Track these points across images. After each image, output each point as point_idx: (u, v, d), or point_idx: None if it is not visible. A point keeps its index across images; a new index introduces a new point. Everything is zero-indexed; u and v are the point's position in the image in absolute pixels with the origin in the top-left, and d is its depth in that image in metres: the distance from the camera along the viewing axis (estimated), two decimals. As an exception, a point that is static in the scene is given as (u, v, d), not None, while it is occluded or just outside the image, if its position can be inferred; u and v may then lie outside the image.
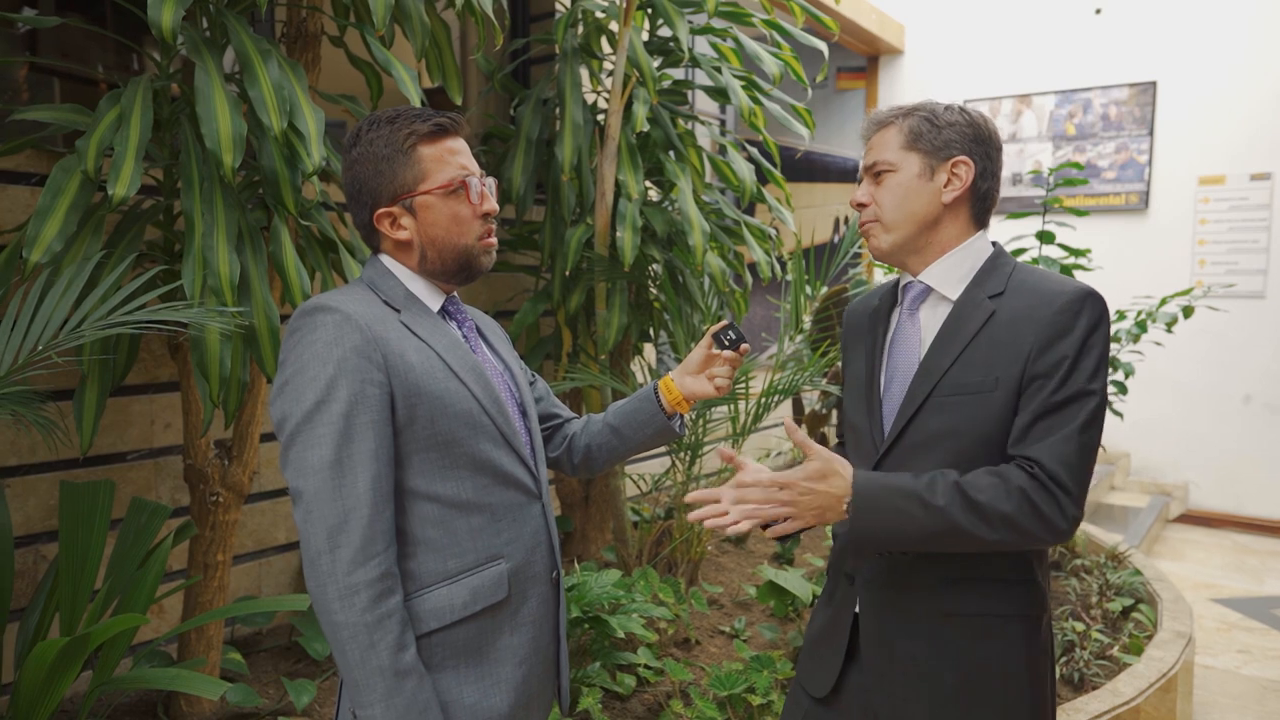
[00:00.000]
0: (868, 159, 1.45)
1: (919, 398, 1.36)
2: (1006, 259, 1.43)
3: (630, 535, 3.40)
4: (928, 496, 1.27)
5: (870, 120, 1.47)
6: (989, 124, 1.43)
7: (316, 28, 2.38)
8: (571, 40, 3.23)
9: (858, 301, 1.61)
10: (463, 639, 1.26)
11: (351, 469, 1.16)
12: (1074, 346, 1.29)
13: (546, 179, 3.33)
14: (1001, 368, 1.32)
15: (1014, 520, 1.25)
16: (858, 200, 1.45)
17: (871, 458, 1.41)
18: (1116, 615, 3.34)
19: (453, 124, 1.30)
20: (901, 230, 1.40)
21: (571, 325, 3.37)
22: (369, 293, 1.29)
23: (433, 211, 1.28)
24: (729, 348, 1.45)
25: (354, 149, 1.29)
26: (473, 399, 1.27)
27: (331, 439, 1.16)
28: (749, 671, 2.45)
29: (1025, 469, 1.28)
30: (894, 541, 1.30)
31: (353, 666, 1.15)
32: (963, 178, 1.39)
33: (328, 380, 1.17)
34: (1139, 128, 6.12)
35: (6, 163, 2.31)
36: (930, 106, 1.42)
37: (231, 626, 2.78)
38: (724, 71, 3.20)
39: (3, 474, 2.36)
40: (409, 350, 1.23)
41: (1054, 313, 1.30)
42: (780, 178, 3.62)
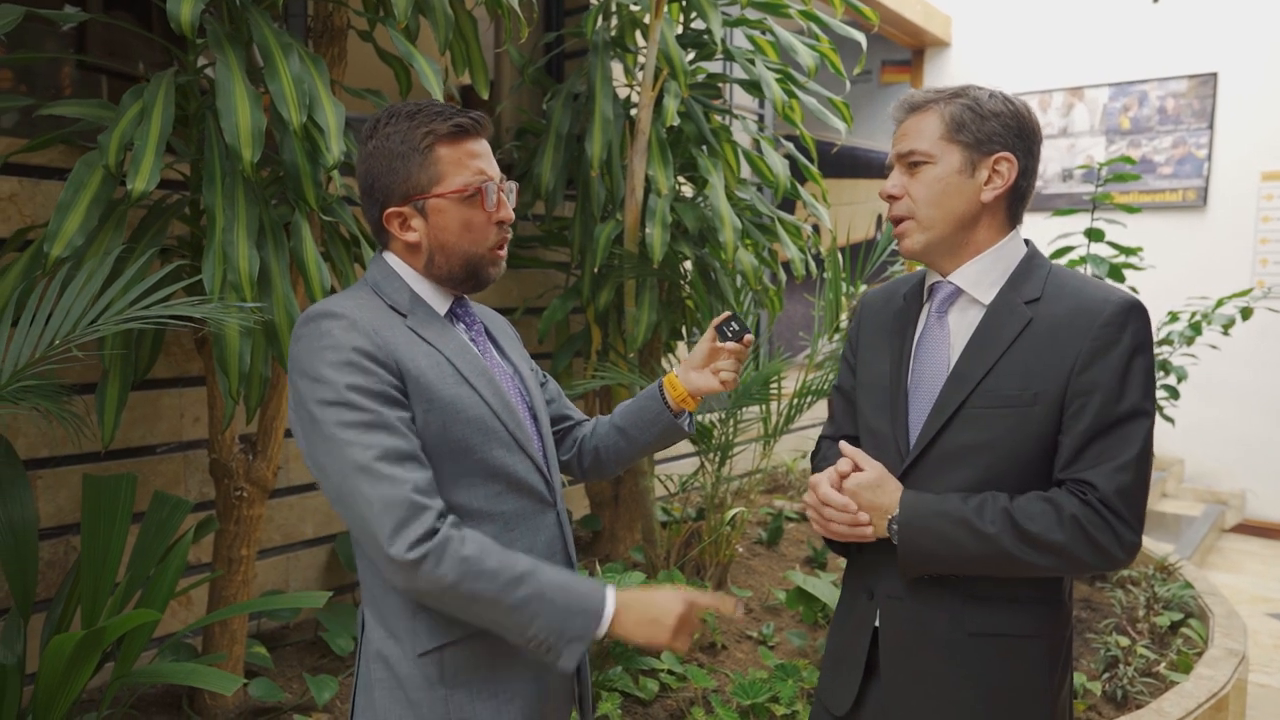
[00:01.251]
0: (900, 145, 1.34)
1: (950, 408, 1.29)
2: (1041, 260, 1.35)
3: (659, 536, 3.36)
4: (977, 523, 1.23)
5: (904, 102, 1.36)
6: (1033, 116, 1.33)
7: (343, 22, 2.37)
8: (604, 34, 3.19)
9: (875, 293, 1.53)
10: (475, 655, 1.22)
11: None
12: (1121, 362, 1.23)
13: (577, 175, 3.29)
14: (1041, 380, 1.25)
15: (1067, 550, 1.22)
16: (888, 192, 1.35)
17: (896, 468, 1.34)
18: (1164, 630, 3.20)
19: (474, 125, 1.24)
20: (938, 229, 1.32)
21: (601, 323, 3.33)
22: (373, 296, 1.25)
23: (445, 216, 1.23)
24: (732, 339, 1.40)
25: (369, 141, 1.25)
26: (484, 404, 1.23)
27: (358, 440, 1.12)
28: (773, 680, 2.39)
29: (1079, 495, 1.23)
30: (941, 565, 1.27)
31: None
32: (1005, 176, 1.30)
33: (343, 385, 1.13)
34: (1198, 121, 5.89)
35: (39, 158, 2.34)
36: (974, 93, 1.32)
37: (258, 620, 2.79)
38: (758, 64, 3.13)
39: (35, 465, 2.39)
40: (418, 356, 1.20)
41: (1099, 325, 1.24)
42: (816, 173, 3.54)
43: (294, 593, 2.45)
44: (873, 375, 1.43)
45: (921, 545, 1.26)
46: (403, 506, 1.09)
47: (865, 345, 1.47)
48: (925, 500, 1.27)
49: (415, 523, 1.09)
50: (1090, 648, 3.05)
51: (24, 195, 2.33)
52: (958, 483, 1.29)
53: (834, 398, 1.56)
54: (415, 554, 1.08)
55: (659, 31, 2.97)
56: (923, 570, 1.28)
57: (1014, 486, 1.28)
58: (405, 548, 1.08)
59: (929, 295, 1.39)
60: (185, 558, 2.06)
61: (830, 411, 1.57)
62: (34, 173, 2.35)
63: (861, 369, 1.46)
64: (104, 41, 3.76)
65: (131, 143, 1.82)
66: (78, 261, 1.85)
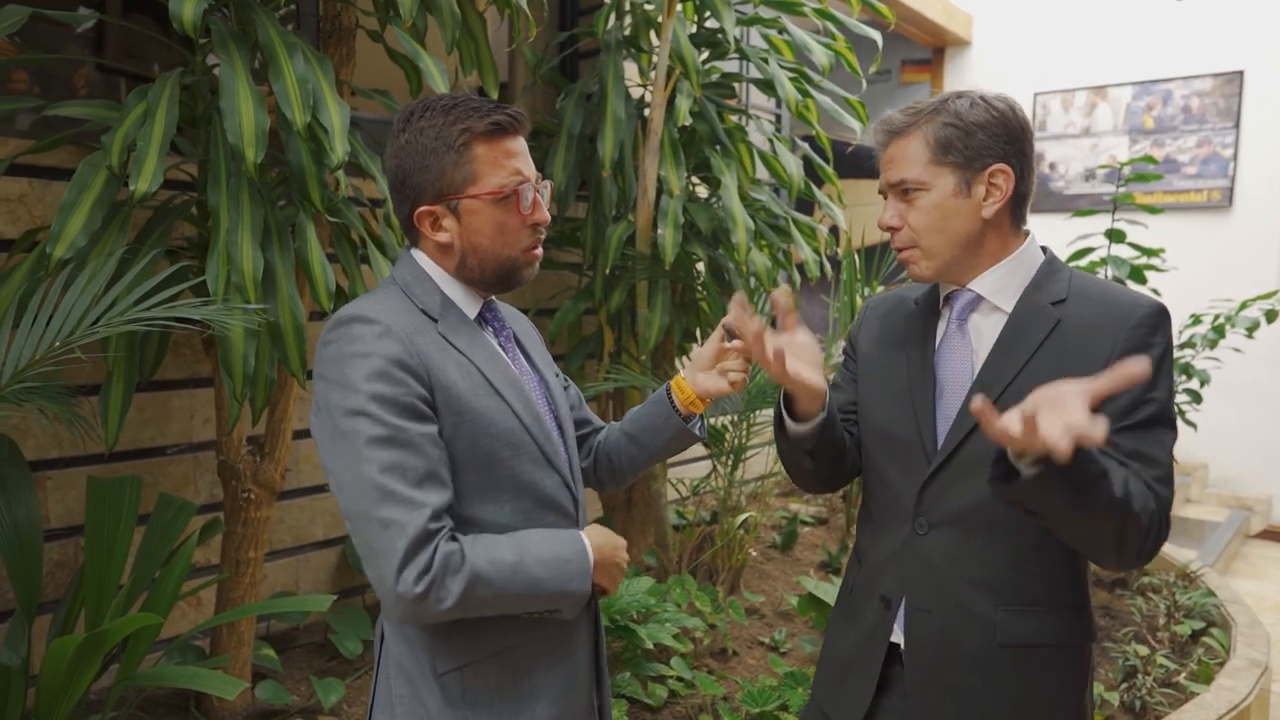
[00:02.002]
0: (890, 174, 1.30)
1: None
2: (1061, 265, 1.33)
3: (671, 539, 3.33)
4: (1112, 480, 1.08)
5: (883, 127, 1.30)
6: (1018, 114, 1.28)
7: (351, 22, 2.36)
8: (616, 33, 3.16)
9: (882, 299, 1.48)
10: (498, 675, 1.19)
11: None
12: (1154, 363, 1.21)
13: (589, 175, 3.27)
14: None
15: (1134, 513, 1.11)
16: (887, 224, 1.31)
17: (921, 471, 1.31)
18: (1185, 640, 3.14)
19: (512, 123, 1.19)
20: (944, 255, 1.28)
21: (613, 324, 3.31)
22: (403, 298, 1.20)
23: (478, 218, 1.18)
24: (739, 338, 1.35)
25: (402, 134, 1.19)
26: (514, 417, 1.19)
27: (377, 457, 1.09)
28: (783, 688, 2.35)
29: (1155, 491, 1.17)
30: (1070, 500, 1.08)
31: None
32: (1003, 188, 1.26)
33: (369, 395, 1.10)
34: (1223, 120, 5.78)
35: (49, 159, 2.34)
36: (953, 106, 1.26)
37: (267, 622, 2.78)
38: (771, 62, 3.09)
39: (44, 466, 2.39)
40: (449, 365, 1.16)
41: (1131, 327, 1.22)
42: (832, 174, 3.50)
43: (299, 596, 2.44)
44: (885, 379, 1.39)
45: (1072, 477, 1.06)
46: (413, 536, 1.05)
47: (870, 352, 1.43)
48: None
49: (423, 552, 1.05)
50: (1108, 657, 2.99)
51: (34, 196, 2.33)
52: (985, 488, 1.25)
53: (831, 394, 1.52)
54: (420, 587, 1.04)
55: (671, 30, 2.94)
56: (1035, 502, 1.10)
57: None
58: (413, 580, 1.04)
59: (946, 303, 1.36)
60: (190, 560, 2.06)
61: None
62: (44, 174, 2.35)
63: (867, 374, 1.42)
64: (123, 44, 3.78)
65: (135, 143, 1.81)
66: (81, 263, 1.85)
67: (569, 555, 1.15)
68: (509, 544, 1.13)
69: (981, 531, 1.27)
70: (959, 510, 1.28)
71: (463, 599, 1.07)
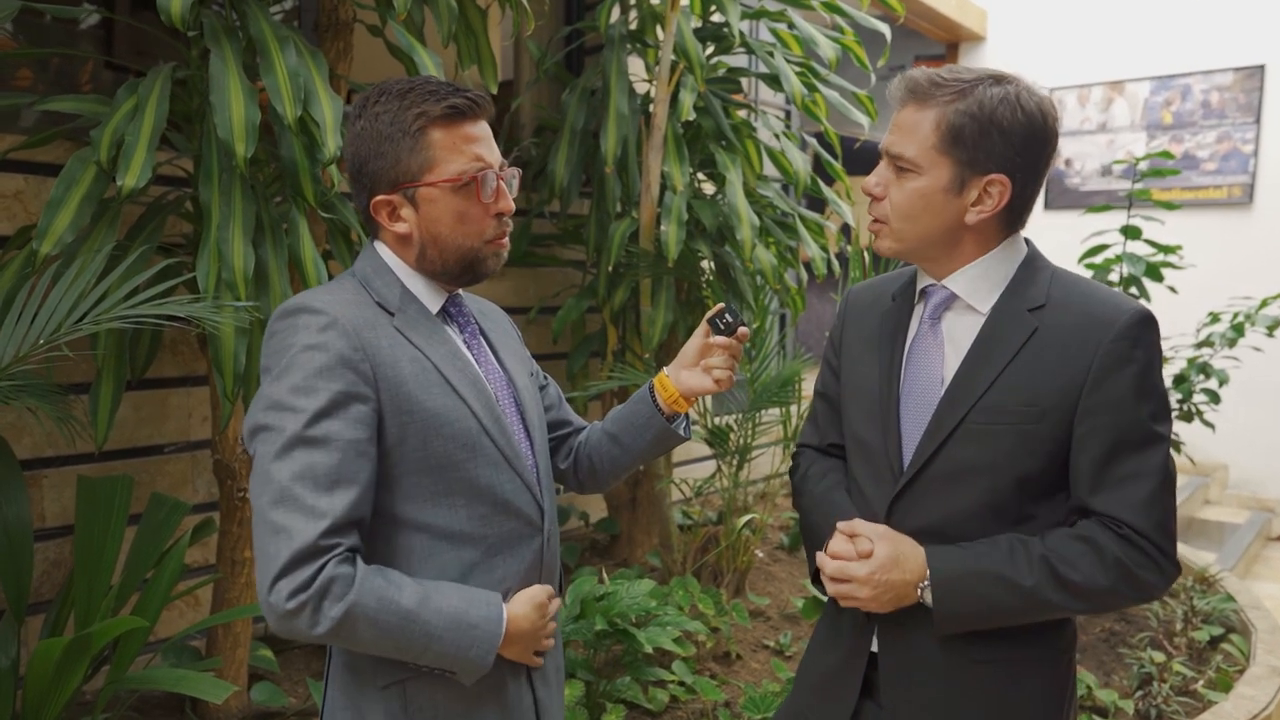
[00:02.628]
0: (891, 141, 1.20)
1: (948, 424, 1.19)
2: (1042, 263, 1.25)
3: (676, 540, 3.28)
4: (1015, 576, 1.15)
5: (905, 85, 1.19)
6: (1048, 122, 1.16)
7: (349, 16, 2.32)
8: (620, 27, 3.12)
9: (860, 290, 1.41)
10: (444, 690, 1.13)
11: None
12: (1136, 380, 1.14)
13: (593, 171, 3.23)
14: (1048, 396, 1.16)
15: (1113, 593, 1.16)
16: (870, 190, 1.23)
17: (889, 486, 1.25)
18: (1203, 646, 3.06)
19: (471, 106, 1.12)
20: (910, 243, 1.21)
21: (617, 322, 3.27)
22: (360, 291, 1.15)
23: (437, 206, 1.13)
24: (725, 332, 1.29)
25: (358, 121, 1.14)
26: (472, 417, 1.14)
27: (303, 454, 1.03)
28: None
29: (1115, 530, 1.15)
30: (979, 624, 1.19)
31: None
32: (994, 200, 1.17)
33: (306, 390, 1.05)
34: (1244, 115, 5.67)
35: (46, 155, 2.32)
36: (986, 95, 1.13)
37: (265, 623, 2.76)
38: (777, 56, 3.04)
39: (40, 465, 2.37)
40: (402, 360, 1.10)
41: (1110, 339, 1.14)
42: (840, 169, 3.44)
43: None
44: (859, 381, 1.33)
45: (958, 608, 1.17)
46: (298, 548, 0.98)
47: (849, 348, 1.37)
48: (954, 558, 1.18)
49: (305, 568, 0.98)
50: (1123, 663, 2.92)
51: (29, 193, 2.31)
52: (957, 503, 1.20)
53: (816, 402, 1.46)
54: (291, 604, 0.98)
55: (675, 24, 2.90)
56: (958, 630, 1.21)
57: (1015, 507, 1.20)
58: (285, 595, 0.98)
59: (920, 298, 1.29)
60: (181, 561, 2.03)
61: (811, 415, 1.47)
62: (41, 170, 2.33)
63: (846, 373, 1.36)
64: (131, 41, 3.78)
65: (123, 138, 1.79)
66: (69, 259, 1.82)
67: (476, 620, 1.08)
68: (412, 589, 1.06)
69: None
70: (928, 525, 1.23)
71: (337, 629, 1.00)
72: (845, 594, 1.22)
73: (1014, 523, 1.20)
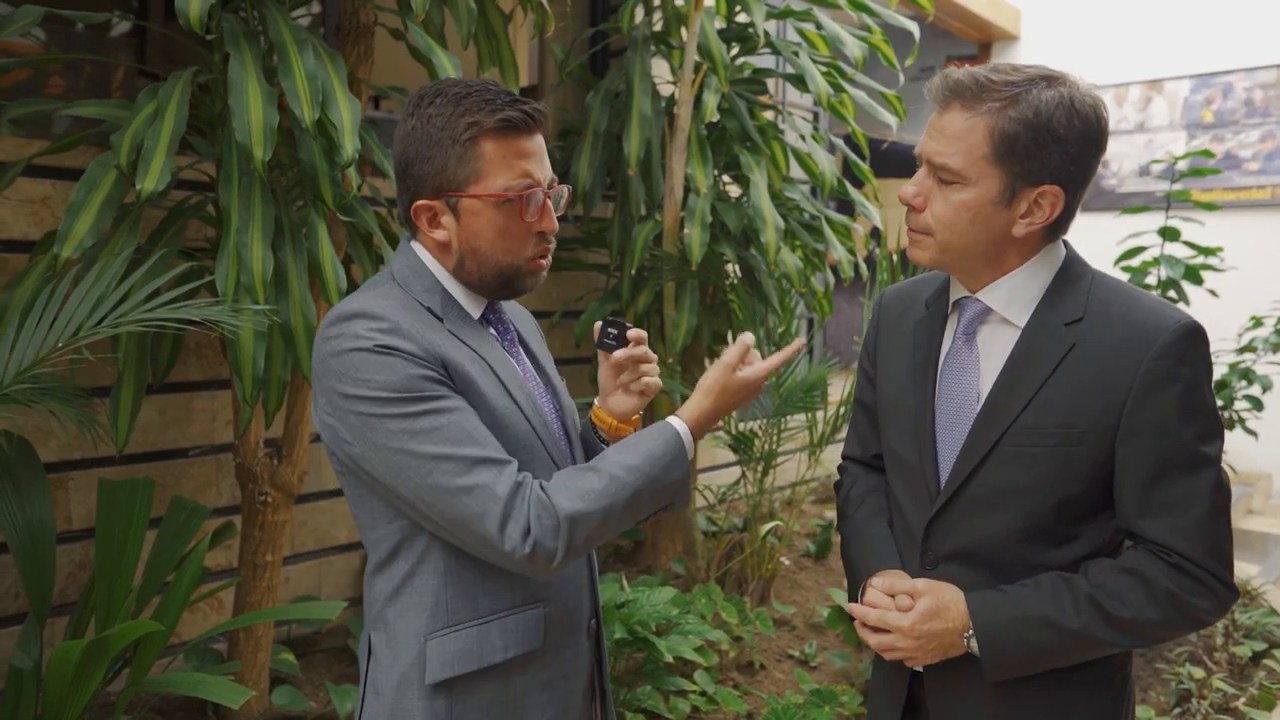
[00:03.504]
0: (930, 147, 1.11)
1: (985, 445, 1.14)
2: (1081, 268, 1.18)
3: (700, 547, 3.24)
4: (1061, 620, 1.10)
5: (948, 85, 1.10)
6: (1102, 125, 1.09)
7: (370, 19, 2.32)
8: (644, 29, 3.09)
9: (895, 293, 1.35)
10: (489, 692, 1.12)
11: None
12: (1181, 398, 1.08)
13: (616, 174, 3.20)
14: (1087, 417, 1.10)
15: (1165, 625, 1.11)
16: (908, 200, 1.15)
17: (927, 507, 1.21)
18: (1245, 662, 2.96)
19: (527, 120, 1.08)
20: (954, 255, 1.14)
21: (641, 327, 3.24)
22: (403, 294, 1.12)
23: (479, 219, 1.10)
24: (618, 345, 1.21)
25: (409, 120, 1.11)
26: (526, 421, 1.13)
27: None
28: (809, 706, 2.26)
29: (1165, 559, 1.09)
30: (1028, 669, 1.14)
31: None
32: (1045, 212, 1.10)
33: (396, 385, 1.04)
34: (1288, 114, 5.52)
35: (73, 161, 2.34)
36: (1040, 100, 1.05)
37: (288, 627, 2.76)
38: (802, 56, 2.99)
39: (67, 468, 2.40)
40: (466, 361, 1.09)
41: (1153, 356, 1.07)
42: (868, 172, 3.39)
43: (310, 602, 2.41)
44: (895, 395, 1.28)
45: (1007, 656, 1.13)
46: (502, 500, 1.01)
47: (885, 358, 1.32)
48: (996, 604, 1.13)
49: (516, 511, 1.01)
50: (1161, 679, 2.84)
51: (57, 198, 2.34)
52: (994, 526, 1.16)
53: (856, 411, 1.42)
54: (527, 548, 1.01)
55: (699, 24, 2.87)
56: (1008, 677, 1.16)
57: (1056, 529, 1.15)
58: (519, 542, 1.01)
59: (954, 309, 1.23)
60: (201, 564, 2.03)
61: (853, 426, 1.43)
62: (68, 175, 2.35)
63: (882, 382, 1.32)
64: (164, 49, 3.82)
65: (143, 142, 1.79)
66: (90, 263, 1.83)
67: (658, 451, 1.08)
68: (599, 470, 1.07)
69: (988, 570, 1.18)
70: (965, 548, 1.19)
71: (570, 548, 1.03)
72: (887, 645, 1.18)
73: (1055, 544, 1.15)
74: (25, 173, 2.24)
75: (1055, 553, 1.15)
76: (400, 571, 1.11)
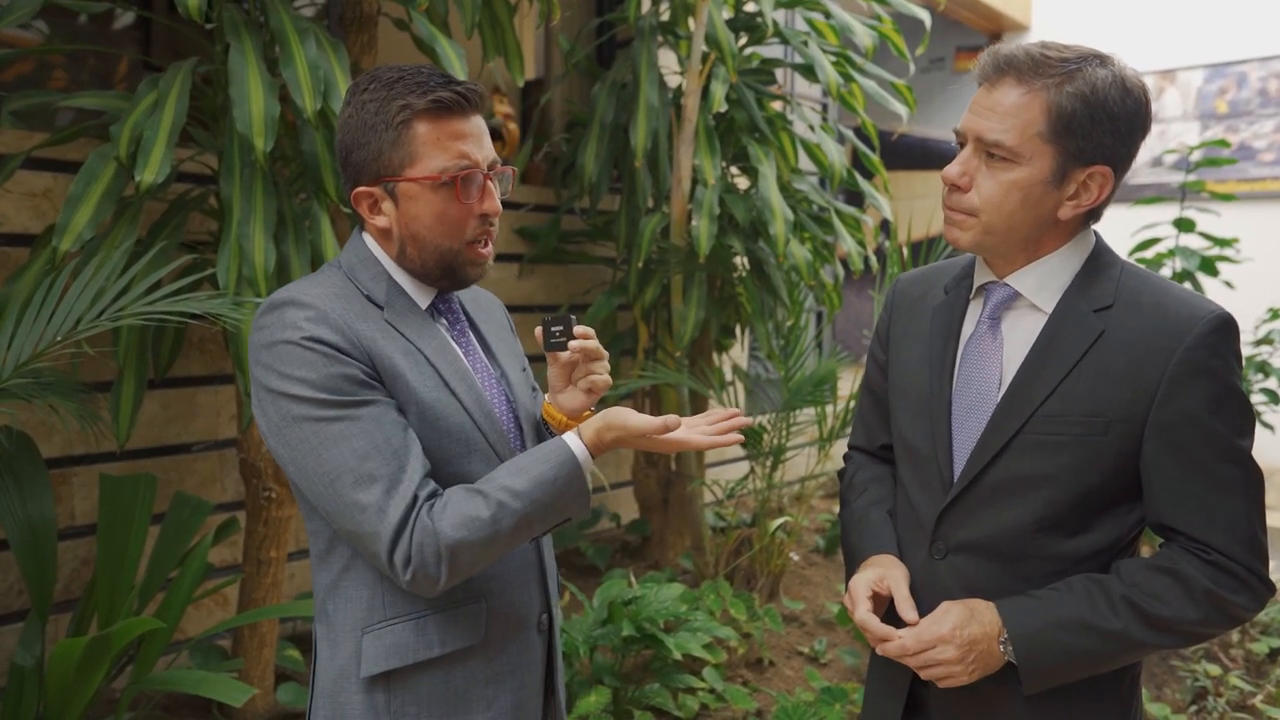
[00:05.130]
0: (980, 124, 1.07)
1: (1006, 433, 1.11)
2: (1111, 256, 1.15)
3: (708, 543, 3.22)
4: (1099, 622, 1.06)
5: (998, 59, 1.07)
6: (1150, 105, 1.07)
7: (372, 9, 2.29)
8: (650, 19, 3.06)
9: (911, 279, 1.32)
10: (429, 687, 1.10)
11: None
12: (1213, 390, 1.05)
13: (622, 166, 3.17)
14: (1115, 406, 1.06)
15: (1204, 623, 1.07)
16: (953, 180, 1.10)
17: (939, 497, 1.17)
18: (1262, 659, 2.92)
19: (460, 101, 1.07)
20: (999, 235, 1.11)
21: (648, 319, 3.21)
22: (346, 282, 1.11)
23: (416, 203, 1.08)
24: (565, 345, 1.16)
25: (346, 107, 1.10)
26: (464, 412, 1.10)
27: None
28: (819, 704, 2.23)
29: (1202, 556, 1.06)
30: (1068, 676, 1.10)
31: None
32: (1094, 194, 1.08)
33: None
34: (1304, 104, 5.45)
35: (74, 153, 2.32)
36: (1095, 77, 1.03)
37: (293, 623, 2.75)
38: (811, 46, 2.95)
39: (70, 463, 2.38)
40: (396, 352, 1.07)
41: (1185, 347, 1.04)
42: (878, 163, 3.35)
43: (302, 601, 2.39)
44: (908, 381, 1.24)
45: (1044, 664, 1.08)
46: (393, 525, 0.99)
47: (898, 344, 1.28)
48: (1030, 610, 1.09)
49: (403, 537, 1.00)
50: (1176, 676, 2.80)
51: (58, 191, 2.32)
52: (1010, 518, 1.12)
53: (863, 399, 1.38)
54: (409, 575, 0.99)
55: (706, 13, 2.83)
56: (1046, 687, 1.11)
57: (1072, 521, 1.11)
58: (401, 569, 0.99)
59: (978, 294, 1.20)
60: (204, 560, 2.01)
61: (859, 414, 1.39)
62: (69, 168, 2.33)
63: (895, 370, 1.28)
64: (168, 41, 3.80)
65: (143, 134, 1.77)
66: (89, 256, 1.81)
67: (551, 475, 1.05)
68: (486, 494, 1.03)
69: (999, 562, 1.14)
70: (977, 539, 1.15)
71: (453, 573, 1.01)
72: (932, 660, 1.10)
73: (1070, 535, 1.12)
74: (26, 165, 2.22)
75: (1070, 544, 1.12)
76: (337, 564, 1.10)
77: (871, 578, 1.18)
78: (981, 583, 1.14)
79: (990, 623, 1.09)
